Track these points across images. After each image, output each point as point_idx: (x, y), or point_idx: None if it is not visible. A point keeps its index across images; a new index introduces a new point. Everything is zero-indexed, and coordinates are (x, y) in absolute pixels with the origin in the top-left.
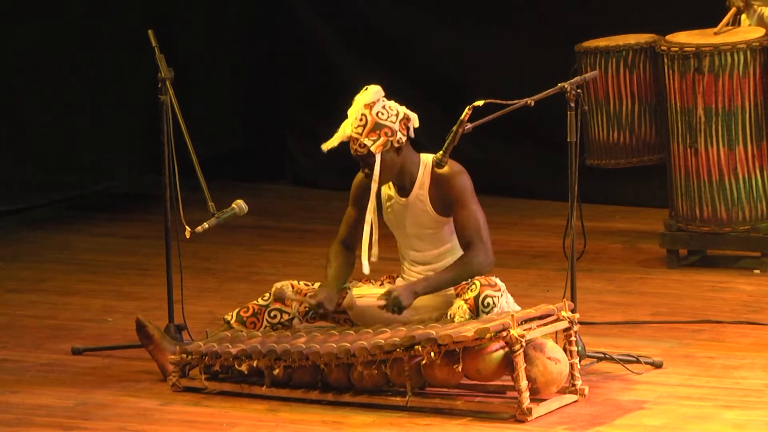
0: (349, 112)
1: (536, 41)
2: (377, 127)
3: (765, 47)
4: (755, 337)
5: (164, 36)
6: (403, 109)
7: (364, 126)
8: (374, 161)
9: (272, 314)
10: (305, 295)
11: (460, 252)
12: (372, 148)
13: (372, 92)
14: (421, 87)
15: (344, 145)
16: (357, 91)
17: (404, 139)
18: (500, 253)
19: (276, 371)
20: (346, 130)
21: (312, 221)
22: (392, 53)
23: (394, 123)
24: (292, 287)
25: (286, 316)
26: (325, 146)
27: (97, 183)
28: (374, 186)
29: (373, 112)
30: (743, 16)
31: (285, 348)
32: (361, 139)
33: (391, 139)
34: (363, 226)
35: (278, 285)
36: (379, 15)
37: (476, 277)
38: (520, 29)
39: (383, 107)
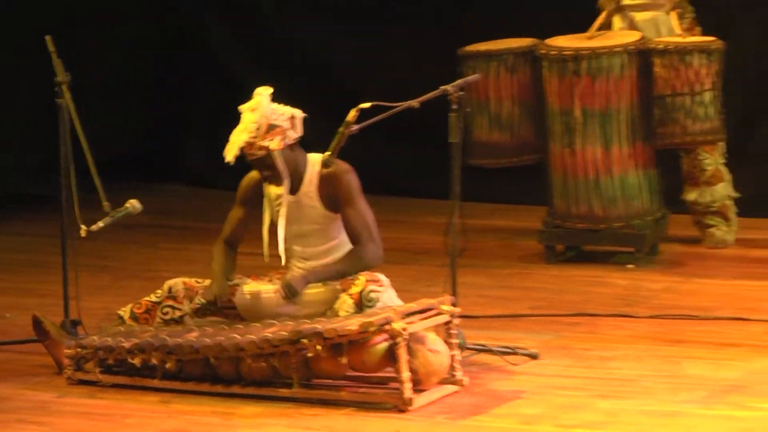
0: (242, 118)
1: (421, 45)
2: (271, 128)
3: (640, 50)
4: (629, 330)
5: (65, 41)
6: (290, 109)
7: (259, 129)
8: (273, 162)
9: (164, 311)
10: (197, 292)
11: (347, 247)
12: (272, 147)
13: (261, 96)
14: (313, 89)
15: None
16: (251, 96)
17: (295, 136)
18: (384, 250)
19: (168, 364)
20: (241, 136)
21: (206, 220)
22: (286, 56)
23: (286, 122)
24: (184, 284)
25: (178, 313)
26: (229, 156)
27: None
28: (286, 183)
29: (265, 115)
30: (616, 20)
31: (177, 342)
32: (258, 143)
33: (285, 137)
34: (247, 224)
35: (170, 282)
36: (274, 18)
37: (361, 273)
38: (406, 34)
39: (273, 109)
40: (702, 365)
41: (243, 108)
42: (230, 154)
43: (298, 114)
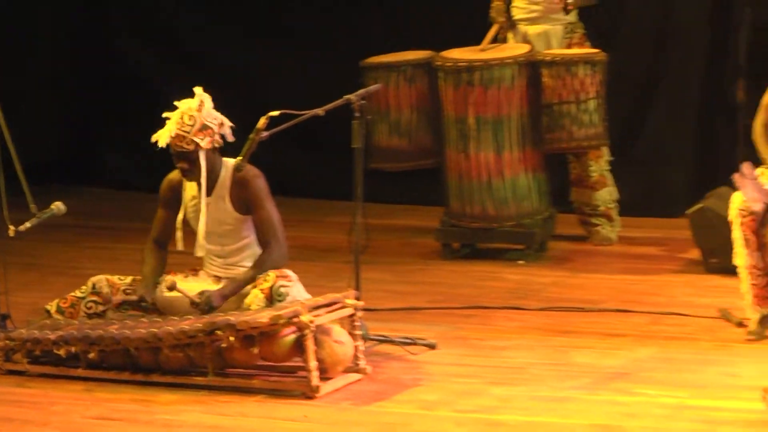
0: (177, 112)
1: (326, 57)
2: (204, 128)
3: (529, 62)
4: (520, 321)
5: None
6: (221, 116)
7: (193, 125)
8: (197, 158)
9: (88, 305)
10: (119, 288)
11: (257, 246)
12: (202, 144)
13: (200, 97)
14: (225, 98)
15: (159, 151)
16: (169, 103)
17: (220, 141)
18: (292, 248)
19: (91, 355)
20: (175, 127)
21: (126, 220)
22: (199, 66)
23: (217, 126)
24: (107, 281)
25: (101, 307)
26: (161, 142)
27: None
28: (203, 181)
29: (201, 114)
30: (509, 35)
31: (99, 334)
32: (189, 137)
33: (214, 140)
34: (173, 223)
35: (94, 279)
36: (188, 30)
37: (272, 270)
38: (312, 47)
39: (209, 111)
40: (588, 354)
41: (181, 103)
42: (162, 140)
43: (228, 123)
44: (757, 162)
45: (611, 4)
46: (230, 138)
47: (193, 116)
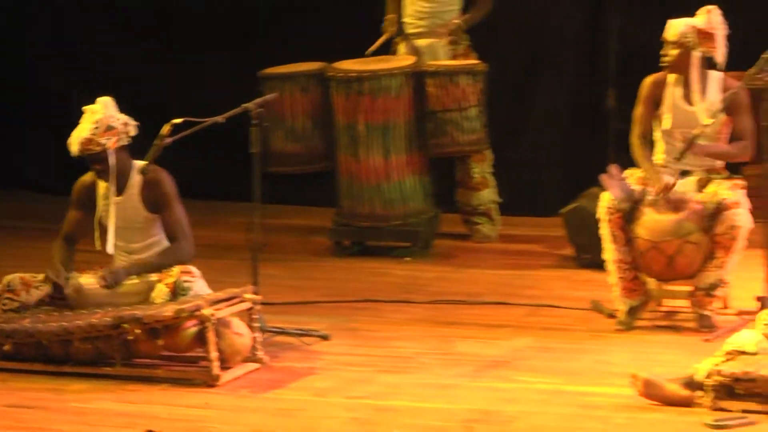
0: (84, 117)
1: (226, 67)
2: (109, 129)
3: (415, 72)
4: (408, 314)
5: None
6: (125, 116)
7: (98, 128)
8: (106, 158)
9: (4, 302)
10: (32, 285)
11: (165, 243)
12: (107, 146)
13: (103, 102)
14: (133, 106)
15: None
16: (77, 110)
17: (126, 140)
18: (195, 246)
19: (6, 347)
20: (83, 133)
21: (39, 221)
22: (109, 77)
23: (121, 126)
24: (21, 279)
25: (16, 304)
26: (73, 148)
27: None
28: (112, 180)
29: (105, 116)
30: (401, 46)
31: (13, 327)
32: (96, 139)
33: (119, 139)
34: (82, 223)
35: (8, 277)
36: (98, 44)
37: (176, 266)
38: (213, 57)
39: (112, 113)
40: (470, 344)
41: (87, 108)
42: (73, 146)
43: (132, 121)
44: (624, 164)
45: (492, 16)
46: (133, 132)
47: (97, 120)
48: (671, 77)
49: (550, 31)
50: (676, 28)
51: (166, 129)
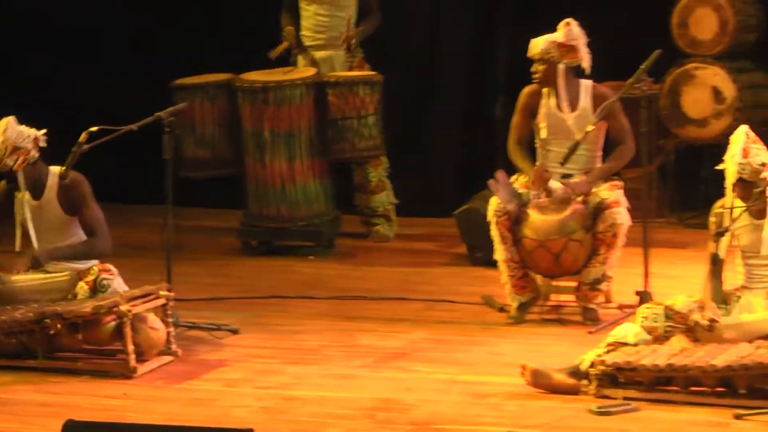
0: None
1: (140, 80)
2: (16, 149)
3: (316, 83)
4: (312, 308)
5: None
6: (33, 131)
7: (6, 150)
8: (15, 177)
9: None
10: None
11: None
12: (15, 166)
13: (6, 122)
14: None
15: None
16: None
17: (37, 154)
18: (114, 246)
19: None
20: None
21: None
22: (31, 88)
23: (29, 144)
24: None
25: None
26: None
27: None
28: (25, 188)
29: (10, 138)
30: (300, 58)
31: None
32: (5, 161)
33: (27, 157)
34: (3, 225)
35: None
36: (14, 56)
37: (95, 264)
38: (126, 69)
39: (19, 132)
40: (371, 336)
41: None
42: None
43: (41, 135)
44: (510, 170)
45: (386, 30)
46: (42, 145)
47: (2, 141)
48: (545, 89)
49: (442, 43)
50: (538, 45)
51: (83, 137)
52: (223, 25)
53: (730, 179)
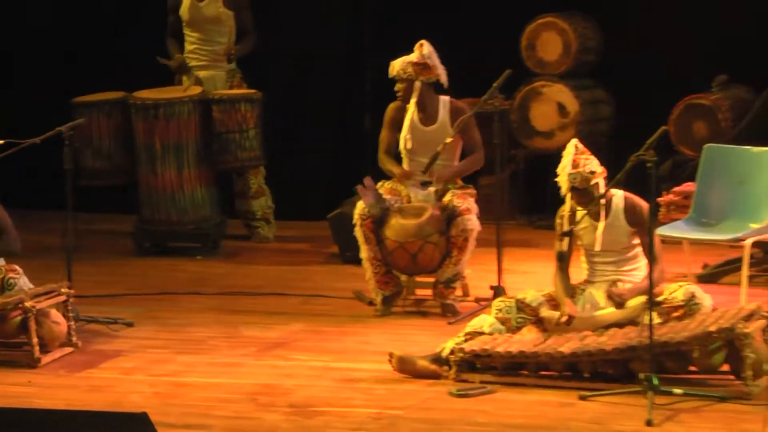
0: None
1: (41, 96)
2: None
3: (202, 100)
4: (201, 303)
5: None
6: None
7: None
8: None
9: None
10: None
11: None
12: None
13: None
14: None
15: None
16: None
17: None
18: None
19: None
20: None
21: None
22: None
23: None
24: None
25: None
26: None
27: None
28: None
29: None
30: (185, 78)
31: None
32: None
33: None
34: None
35: None
36: None
37: (2, 264)
38: (24, 84)
39: None
40: (254, 328)
41: None
42: None
43: None
44: (377, 177)
45: (263, 51)
46: None
47: None
48: (409, 105)
49: (315, 64)
50: (395, 66)
51: None
52: (118, 48)
53: (564, 188)
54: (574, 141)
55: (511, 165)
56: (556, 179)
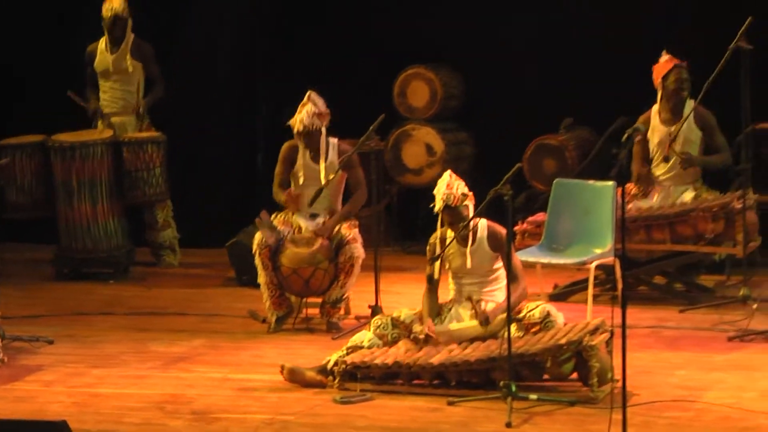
0: None
1: None
2: None
3: (114, 142)
4: (112, 322)
5: None
6: None
7: None
8: None
9: None
10: None
11: None
12: None
13: None
14: None
15: None
16: None
17: None
18: None
19: None
20: None
21: None
22: None
23: None
24: None
25: None
26: None
27: None
28: None
29: None
30: (99, 122)
31: None
32: None
33: None
34: None
35: None
36: None
37: None
38: None
39: None
40: (160, 344)
41: None
42: None
43: None
44: (271, 209)
45: (168, 99)
46: None
47: None
48: (301, 144)
49: (214, 109)
50: (303, 121)
51: None
52: (35, 96)
53: (438, 207)
54: (449, 171)
55: (386, 198)
56: (430, 206)
